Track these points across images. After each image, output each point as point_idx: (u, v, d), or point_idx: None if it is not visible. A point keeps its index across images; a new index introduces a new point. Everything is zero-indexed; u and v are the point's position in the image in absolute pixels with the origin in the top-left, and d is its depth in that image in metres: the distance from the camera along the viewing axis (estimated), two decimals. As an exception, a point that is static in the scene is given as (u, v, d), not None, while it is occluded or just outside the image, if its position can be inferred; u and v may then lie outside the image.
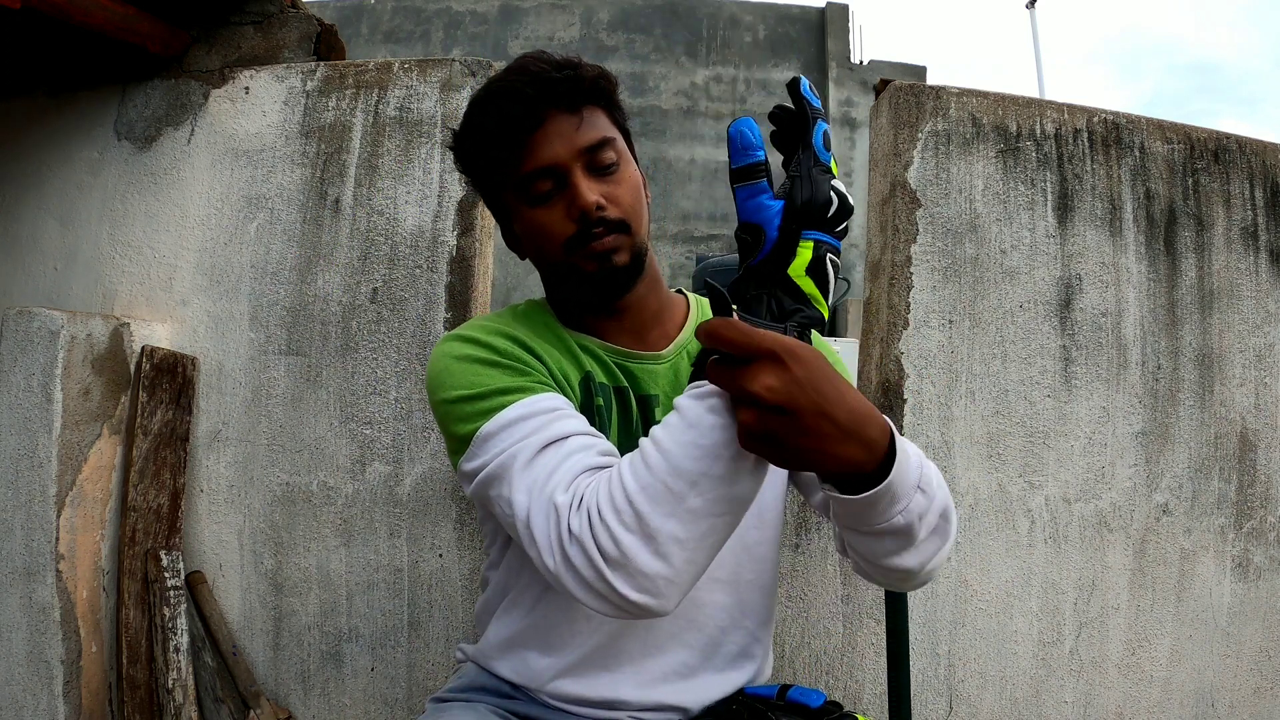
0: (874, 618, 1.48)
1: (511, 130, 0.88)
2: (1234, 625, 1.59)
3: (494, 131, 0.89)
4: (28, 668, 1.38)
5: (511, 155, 0.89)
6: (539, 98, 0.88)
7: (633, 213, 0.91)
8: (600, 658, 0.93)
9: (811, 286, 0.79)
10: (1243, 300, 1.63)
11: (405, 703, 1.52)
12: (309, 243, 1.58)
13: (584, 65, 0.92)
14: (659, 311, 1.00)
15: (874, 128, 1.66)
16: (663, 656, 0.94)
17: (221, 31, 1.67)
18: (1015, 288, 1.55)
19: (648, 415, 0.95)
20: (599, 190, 0.89)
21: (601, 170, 0.90)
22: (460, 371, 0.88)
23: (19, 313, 1.40)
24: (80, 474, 1.42)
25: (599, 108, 0.92)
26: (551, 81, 0.88)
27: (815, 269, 0.79)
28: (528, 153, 0.88)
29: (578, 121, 0.89)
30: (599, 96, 0.92)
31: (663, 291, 1.03)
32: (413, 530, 1.52)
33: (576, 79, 0.89)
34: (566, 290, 0.96)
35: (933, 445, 1.50)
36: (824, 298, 0.79)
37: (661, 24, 9.11)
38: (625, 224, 0.90)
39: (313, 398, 1.55)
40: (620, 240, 0.89)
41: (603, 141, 0.90)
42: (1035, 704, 1.52)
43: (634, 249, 0.91)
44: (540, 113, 0.88)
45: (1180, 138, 1.64)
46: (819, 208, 0.78)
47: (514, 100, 0.88)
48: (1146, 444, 1.57)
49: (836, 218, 0.80)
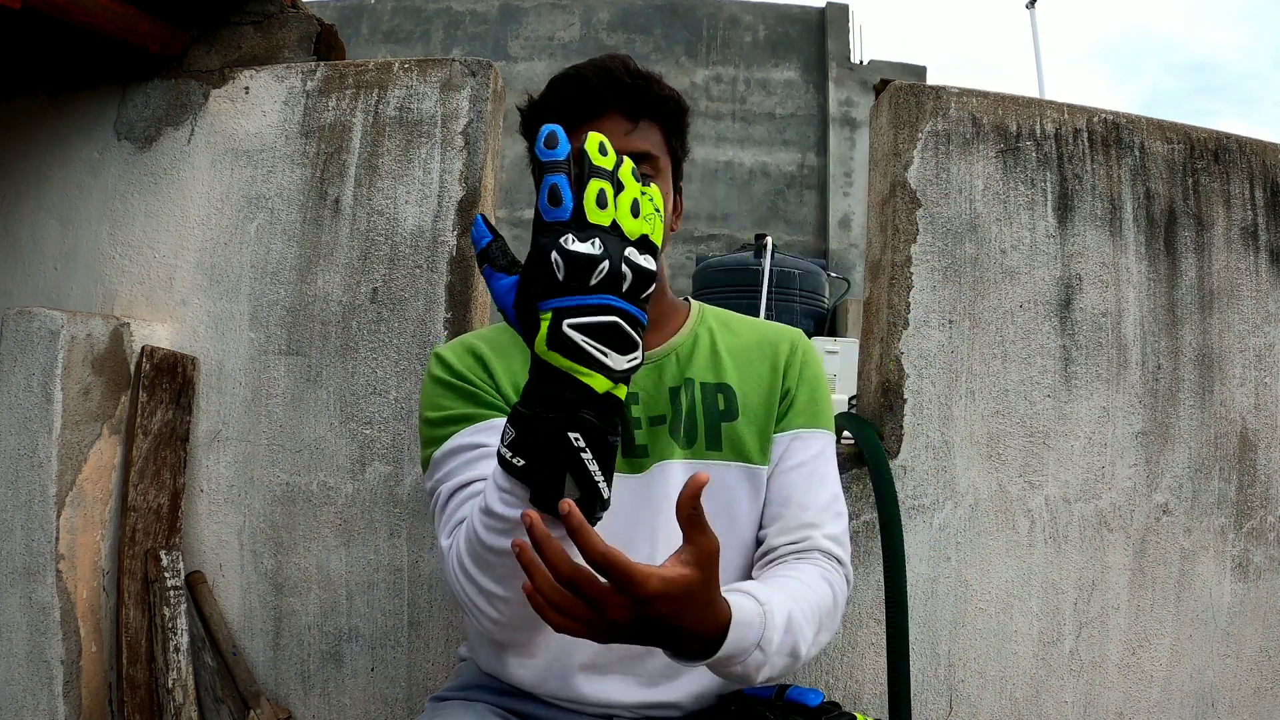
0: (874, 618, 1.48)
1: (569, 113, 0.93)
2: (1234, 625, 1.59)
3: (554, 110, 0.94)
4: (28, 668, 1.38)
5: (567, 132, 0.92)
6: (603, 92, 0.94)
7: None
8: (588, 658, 0.94)
9: (562, 360, 0.67)
10: (1243, 300, 1.63)
11: (405, 703, 1.52)
12: (309, 243, 1.58)
13: (659, 83, 0.97)
14: (657, 319, 1.02)
15: (874, 128, 1.66)
16: (652, 658, 0.94)
17: (221, 31, 1.67)
18: (1015, 288, 1.55)
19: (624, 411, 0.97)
20: None
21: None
22: (429, 393, 0.98)
23: (19, 313, 1.40)
24: (80, 474, 1.42)
25: (658, 125, 0.97)
26: (620, 84, 0.94)
27: (556, 341, 0.67)
28: (576, 137, 0.90)
29: (630, 128, 0.95)
30: (661, 115, 0.97)
31: (666, 301, 1.05)
32: (413, 530, 1.52)
33: (644, 90, 0.95)
34: None
35: (933, 445, 1.50)
36: (587, 366, 0.67)
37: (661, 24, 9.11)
38: None
39: (313, 398, 1.55)
40: None
41: (644, 154, 0.94)
42: (1035, 704, 1.52)
43: None
44: (600, 106, 0.94)
45: (1180, 137, 1.64)
46: (540, 273, 0.67)
47: (581, 88, 0.94)
48: (1146, 444, 1.57)
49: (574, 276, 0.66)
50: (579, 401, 0.68)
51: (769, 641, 0.79)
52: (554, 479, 0.70)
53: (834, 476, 1.01)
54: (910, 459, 1.50)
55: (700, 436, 0.99)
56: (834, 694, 1.47)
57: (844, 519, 0.99)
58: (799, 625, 0.84)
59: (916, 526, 1.49)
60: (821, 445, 1.01)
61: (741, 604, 0.78)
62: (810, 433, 1.01)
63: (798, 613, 0.85)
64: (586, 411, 0.68)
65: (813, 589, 0.90)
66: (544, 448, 0.69)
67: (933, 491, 1.50)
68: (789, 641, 0.82)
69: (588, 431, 0.69)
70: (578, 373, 0.68)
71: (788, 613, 0.83)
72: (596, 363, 0.68)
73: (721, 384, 1.02)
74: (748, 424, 1.00)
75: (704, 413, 1.00)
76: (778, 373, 1.03)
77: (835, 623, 0.92)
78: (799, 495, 0.97)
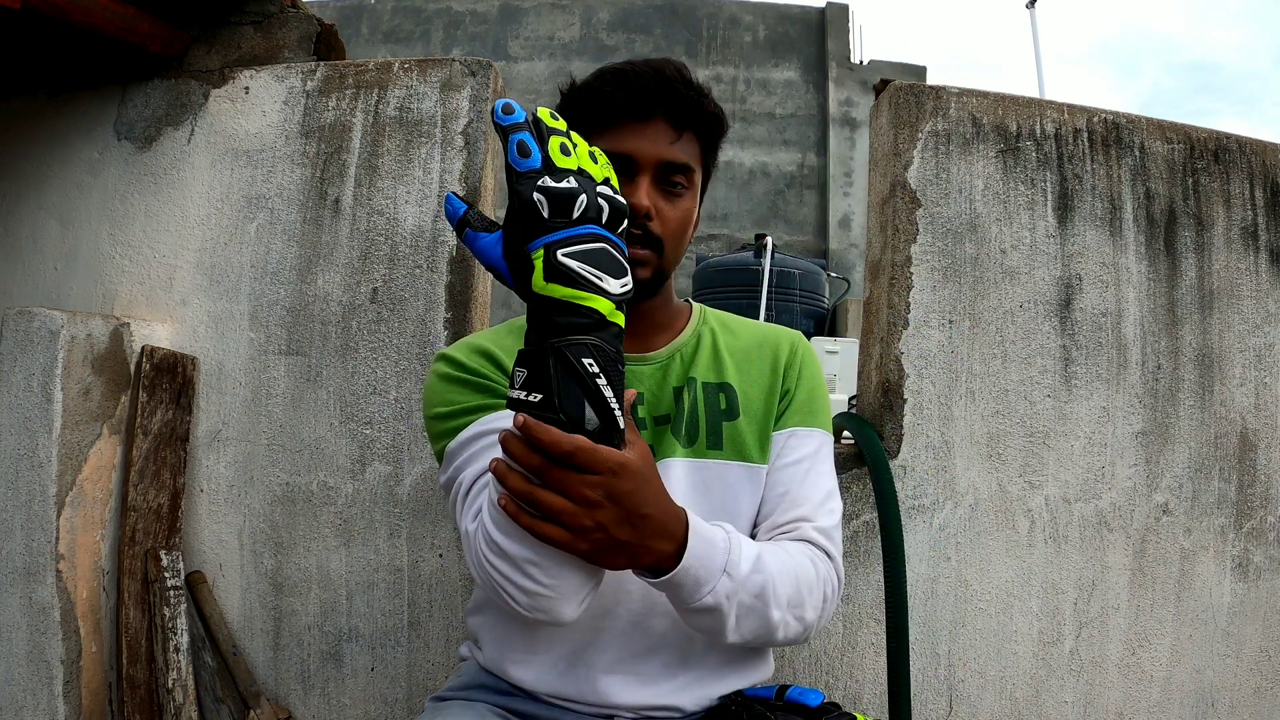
0: (874, 618, 1.48)
1: (614, 109, 0.94)
2: (1234, 625, 1.59)
3: (605, 97, 0.94)
4: (28, 668, 1.38)
5: (605, 127, 0.94)
6: (655, 96, 0.94)
7: (672, 238, 0.96)
8: (589, 658, 0.94)
9: (563, 290, 0.70)
10: (1243, 300, 1.63)
11: (405, 703, 1.52)
12: (309, 243, 1.58)
13: (710, 99, 0.98)
14: (662, 320, 1.04)
15: (874, 128, 1.66)
16: (653, 658, 0.95)
17: (221, 31, 1.67)
18: (1015, 288, 1.55)
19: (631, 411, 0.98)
20: (656, 202, 0.94)
21: (668, 188, 0.95)
22: (438, 391, 0.97)
23: (19, 313, 1.40)
24: (80, 474, 1.42)
25: (698, 140, 0.98)
26: (674, 92, 0.94)
27: (553, 273, 0.70)
28: (619, 133, 0.93)
29: (674, 136, 0.95)
30: (705, 131, 0.98)
31: (671, 306, 1.06)
32: (413, 530, 1.52)
33: (695, 103, 0.96)
34: None
35: (933, 445, 1.50)
36: (588, 290, 0.71)
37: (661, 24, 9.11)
38: (661, 244, 0.95)
39: (313, 398, 1.55)
40: (649, 256, 0.94)
41: (683, 165, 0.96)
42: (1035, 704, 1.52)
43: (658, 270, 0.96)
44: (649, 110, 0.94)
45: (1180, 137, 1.64)
46: (524, 216, 0.71)
47: (634, 87, 0.94)
48: (1146, 444, 1.57)
49: (558, 212, 0.71)
50: (588, 326, 0.71)
51: (735, 567, 0.83)
52: (575, 407, 0.70)
53: (829, 475, 1.01)
54: (910, 459, 1.50)
55: (702, 435, 0.99)
56: (834, 694, 1.47)
57: (836, 516, 0.99)
58: (770, 570, 0.86)
59: (916, 526, 1.49)
60: (817, 444, 1.02)
61: (704, 524, 0.84)
62: (807, 431, 1.01)
63: (770, 559, 0.87)
64: (596, 338, 0.71)
65: (791, 555, 0.91)
66: (561, 377, 0.70)
67: (933, 491, 1.50)
68: (758, 581, 0.84)
69: (601, 357, 0.70)
70: (580, 298, 0.70)
71: (757, 552, 0.86)
72: (596, 286, 0.71)
73: (723, 383, 1.02)
74: (748, 423, 1.00)
75: (706, 412, 1.00)
76: (778, 373, 1.03)
77: (818, 600, 0.91)
78: (793, 491, 0.98)
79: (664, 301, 1.03)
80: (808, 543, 0.95)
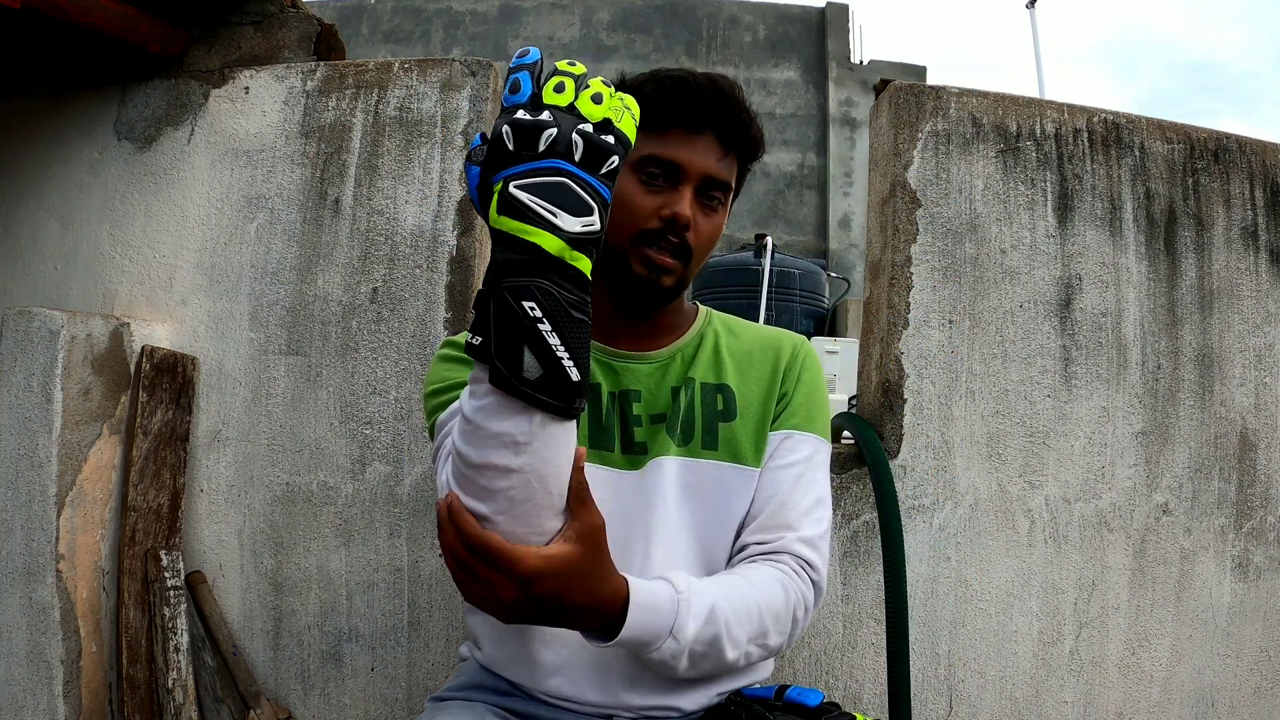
0: (874, 618, 1.48)
1: (666, 113, 0.94)
2: (1234, 625, 1.59)
3: (664, 103, 0.94)
4: (28, 668, 1.38)
5: (657, 130, 0.94)
6: (710, 112, 0.95)
7: (701, 251, 0.98)
8: (588, 658, 0.93)
9: (510, 223, 0.66)
10: (1243, 300, 1.63)
11: (405, 703, 1.52)
12: (309, 243, 1.58)
13: (757, 124, 1.00)
14: (668, 324, 1.05)
15: (874, 128, 1.66)
16: None
17: (221, 31, 1.67)
18: (1015, 288, 1.55)
19: (626, 408, 1.00)
20: (695, 214, 0.96)
21: (705, 202, 0.97)
22: (437, 369, 0.99)
23: (19, 313, 1.40)
24: (80, 474, 1.42)
25: (738, 162, 1.01)
26: (729, 112, 0.96)
27: (504, 205, 0.66)
28: (669, 139, 0.95)
29: (721, 154, 0.97)
30: (746, 153, 1.01)
31: (681, 309, 1.06)
32: (413, 530, 1.52)
33: (745, 126, 0.98)
34: (602, 280, 0.98)
35: (933, 445, 1.50)
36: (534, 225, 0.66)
37: (661, 24, 9.11)
38: (691, 255, 0.97)
39: (313, 398, 1.55)
40: (677, 265, 0.96)
41: (724, 183, 0.98)
42: (1035, 704, 1.52)
43: (681, 279, 0.98)
44: (701, 123, 0.95)
45: (1180, 137, 1.64)
46: (493, 148, 0.67)
47: (692, 98, 0.95)
48: (1146, 444, 1.57)
49: (523, 145, 0.66)
50: (529, 264, 0.65)
51: (682, 630, 0.82)
52: (511, 352, 0.66)
53: (822, 483, 1.01)
54: (910, 459, 1.50)
55: (697, 435, 0.99)
56: (834, 694, 1.47)
57: (824, 525, 0.99)
58: (725, 619, 0.85)
59: (916, 526, 1.49)
60: (812, 449, 1.01)
61: (653, 589, 0.83)
62: (802, 435, 1.01)
63: (726, 606, 0.86)
64: (542, 279, 0.66)
65: (758, 589, 0.90)
66: (498, 319, 0.66)
67: (933, 491, 1.50)
68: (709, 633, 0.84)
69: (544, 299, 0.65)
70: (525, 232, 0.65)
71: (710, 604, 0.85)
72: (544, 221, 0.65)
73: (721, 384, 1.02)
74: (745, 425, 1.00)
75: (702, 412, 1.00)
76: (777, 375, 1.03)
77: (786, 626, 0.91)
78: (782, 494, 0.97)
79: (675, 306, 1.04)
80: (789, 556, 0.95)
